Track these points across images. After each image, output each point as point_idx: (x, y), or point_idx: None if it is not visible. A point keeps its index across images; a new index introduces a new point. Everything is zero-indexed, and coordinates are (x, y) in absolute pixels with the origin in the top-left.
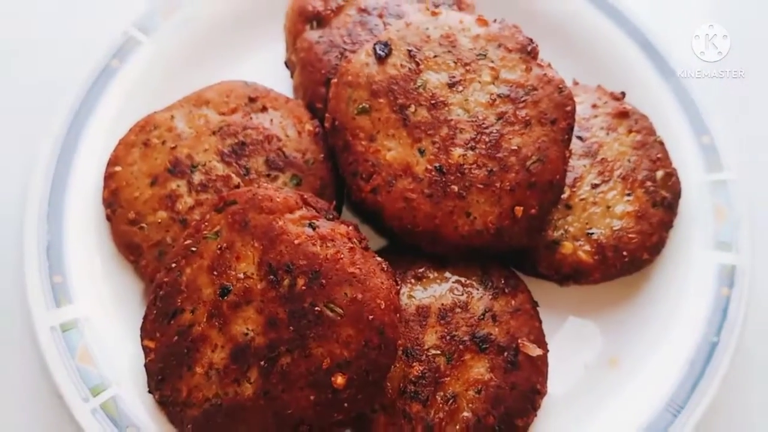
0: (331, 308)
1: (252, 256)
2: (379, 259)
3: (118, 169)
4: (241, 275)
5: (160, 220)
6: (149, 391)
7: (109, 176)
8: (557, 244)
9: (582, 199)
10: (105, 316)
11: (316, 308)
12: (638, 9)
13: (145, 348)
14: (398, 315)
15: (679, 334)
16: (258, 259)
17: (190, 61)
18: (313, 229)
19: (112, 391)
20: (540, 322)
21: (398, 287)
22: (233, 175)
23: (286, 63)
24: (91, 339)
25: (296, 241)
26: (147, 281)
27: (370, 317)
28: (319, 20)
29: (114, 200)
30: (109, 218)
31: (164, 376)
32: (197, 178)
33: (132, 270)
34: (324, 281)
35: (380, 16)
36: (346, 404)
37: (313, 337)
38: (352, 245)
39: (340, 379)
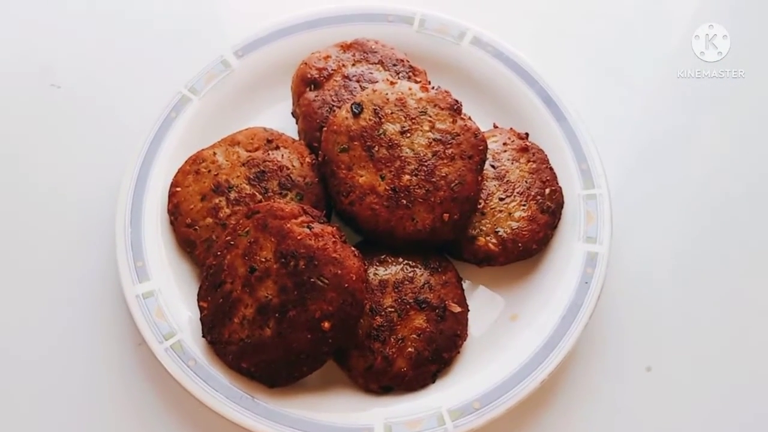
0: (321, 280)
1: (270, 248)
2: (353, 248)
3: (178, 189)
4: (263, 259)
5: (208, 224)
6: (203, 336)
7: (172, 194)
8: (475, 239)
9: (492, 208)
10: (170, 289)
11: (312, 280)
12: (541, 71)
13: (200, 307)
14: (365, 285)
15: (557, 299)
16: (274, 249)
17: (225, 112)
18: (310, 229)
19: (177, 337)
20: (462, 290)
21: (366, 267)
22: (257, 194)
23: (292, 113)
24: (162, 303)
25: (299, 237)
26: (200, 265)
27: (346, 285)
28: (316, 84)
29: (176, 210)
30: (172, 223)
31: (213, 324)
32: (232, 195)
33: (189, 258)
34: (316, 262)
35: (358, 81)
36: (330, 340)
37: (309, 298)
38: (335, 239)
39: (326, 324)
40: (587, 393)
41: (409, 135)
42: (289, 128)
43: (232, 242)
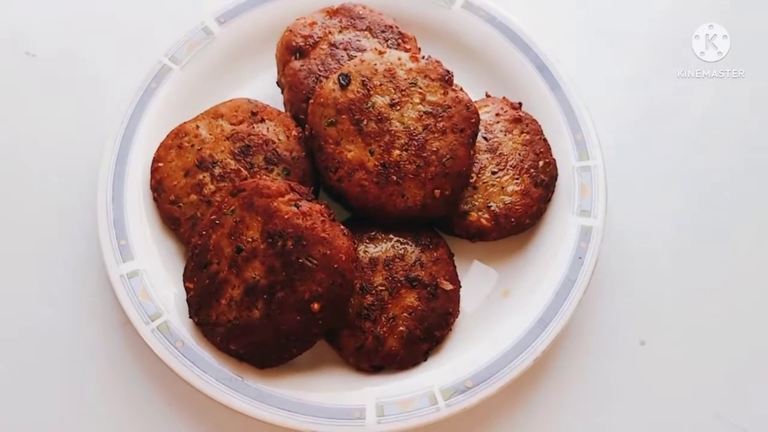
0: (309, 260)
1: (257, 227)
2: (342, 226)
3: (160, 164)
4: (250, 239)
5: (192, 201)
6: (190, 317)
7: (154, 170)
8: (466, 214)
9: (484, 182)
10: (156, 268)
11: (300, 260)
12: (535, 37)
13: (186, 288)
14: (355, 264)
15: (550, 274)
16: (261, 228)
17: (207, 82)
18: (297, 208)
19: (164, 318)
20: (454, 267)
21: (356, 246)
22: (242, 169)
23: (277, 83)
24: (147, 283)
25: (286, 216)
26: (185, 243)
27: (336, 265)
28: (301, 52)
29: (159, 187)
30: (155, 200)
31: (200, 306)
32: (217, 171)
33: (174, 236)
34: (305, 243)
35: (345, 49)
36: (320, 321)
37: (298, 279)
38: (323, 218)
39: (316, 306)
40: (581, 368)
41: (398, 108)
42: (275, 98)
43: (217, 221)
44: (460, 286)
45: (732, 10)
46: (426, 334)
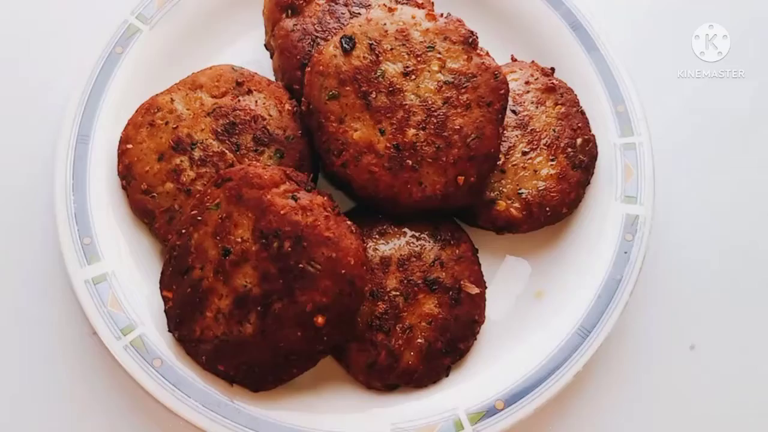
0: (311, 265)
1: (247, 224)
2: (349, 222)
3: (129, 146)
4: (239, 239)
5: (168, 191)
6: (169, 331)
7: (122, 153)
8: (493, 203)
9: (514, 165)
10: (128, 271)
11: (300, 265)
12: None
13: (164, 297)
14: (365, 267)
15: (591, 273)
16: (252, 226)
17: (184, 44)
18: (295, 200)
19: (138, 331)
20: (479, 265)
21: (365, 244)
22: (227, 151)
23: (266, 46)
24: (118, 289)
25: (282, 212)
26: (160, 240)
27: (343, 271)
28: (293, 9)
29: (128, 173)
30: (124, 188)
31: (181, 319)
32: (197, 154)
33: (147, 231)
34: (305, 244)
35: (346, 5)
36: (325, 337)
37: (299, 288)
38: (327, 213)
39: (320, 319)
40: (624, 378)
41: (414, 77)
42: (264, 65)
43: (199, 217)
44: (486, 288)
45: (732, 10)
46: (448, 346)
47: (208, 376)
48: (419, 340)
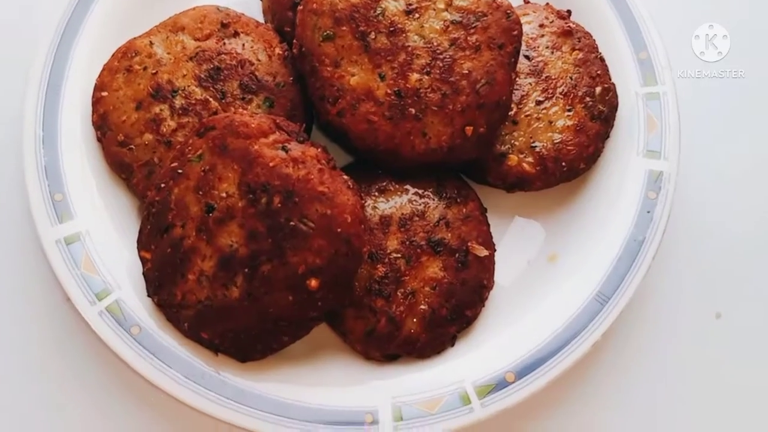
0: (304, 222)
1: (232, 178)
2: (345, 177)
3: (104, 94)
4: (224, 194)
5: (146, 142)
6: (148, 296)
7: (96, 101)
8: (504, 157)
9: (527, 115)
10: (103, 229)
11: (291, 223)
12: None
13: (142, 258)
14: (363, 226)
15: (610, 234)
16: (238, 180)
17: None
18: (286, 152)
19: (115, 296)
20: (488, 226)
21: (363, 201)
22: (211, 99)
23: None
24: (92, 250)
25: (271, 164)
26: (139, 197)
27: (339, 230)
28: None
29: (103, 123)
30: (100, 140)
31: (161, 282)
32: (178, 102)
33: (125, 186)
34: (297, 199)
35: None
36: (319, 303)
37: (290, 248)
38: (321, 166)
39: (314, 282)
40: (646, 347)
41: (417, 16)
42: (251, 4)
43: (179, 170)
44: (495, 251)
45: (732, 10)
46: (454, 313)
47: (191, 344)
48: (422, 307)
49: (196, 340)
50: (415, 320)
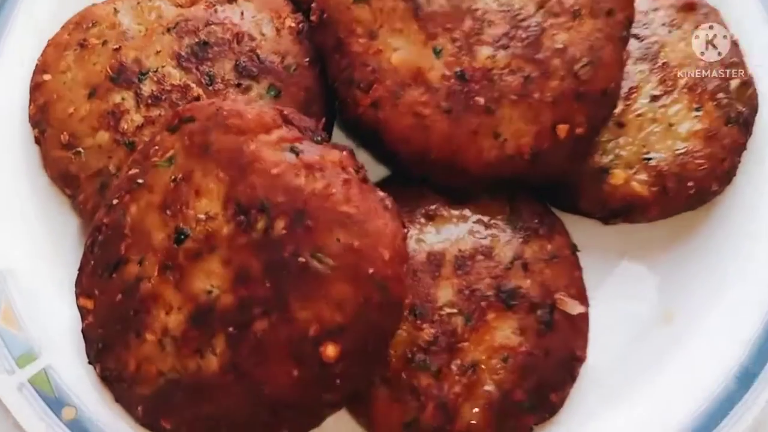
0: (319, 258)
1: (216, 191)
2: (381, 194)
3: (47, 77)
4: (203, 215)
5: (100, 144)
6: (90, 363)
7: (36, 87)
8: (606, 173)
9: (638, 116)
10: (33, 268)
11: (300, 258)
12: None
13: (81, 309)
14: (405, 266)
15: (750, 284)
16: (224, 194)
17: None
18: (296, 154)
19: (44, 361)
20: (581, 270)
21: (405, 230)
22: (193, 85)
23: None
24: (16, 295)
25: (274, 171)
26: (86, 221)
27: (370, 270)
28: None
29: (43, 118)
30: (38, 141)
31: (107, 344)
32: (147, 88)
33: (69, 206)
34: (310, 223)
35: None
36: (338, 381)
37: (297, 296)
38: (346, 176)
39: (331, 350)
40: None
41: None
42: None
43: (139, 180)
44: (589, 306)
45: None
46: (534, 397)
47: None
48: (488, 388)
49: (153, 429)
50: (476, 408)
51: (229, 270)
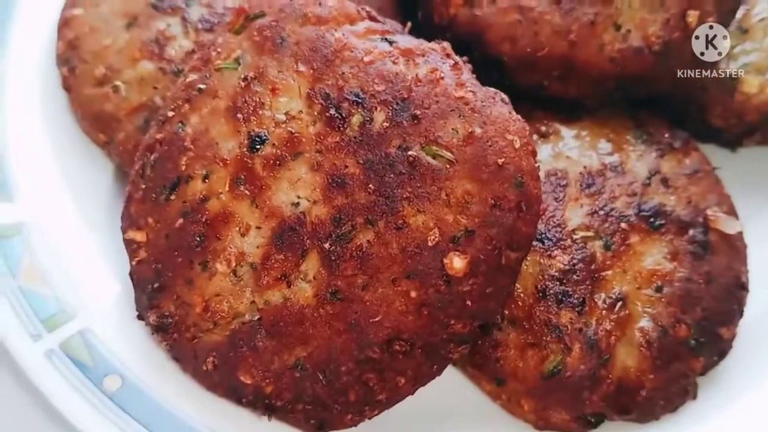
0: (433, 152)
1: (297, 86)
2: (492, 89)
3: (77, 12)
4: (282, 116)
5: (143, 75)
6: (138, 315)
7: (65, 23)
8: (735, 81)
9: (761, 20)
10: (62, 220)
11: (410, 153)
12: None
13: (129, 244)
14: (536, 160)
15: None
16: (307, 89)
17: None
18: (390, 44)
19: (79, 323)
20: (724, 189)
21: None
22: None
23: None
24: (41, 250)
25: (366, 59)
26: (128, 164)
27: (500, 161)
28: None
29: (74, 54)
30: (67, 82)
31: (163, 283)
32: (195, 12)
33: (102, 157)
34: (418, 112)
35: None
36: (468, 302)
37: (409, 199)
38: (454, 61)
39: (457, 262)
40: None
41: None
42: None
43: (202, 85)
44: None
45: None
46: (702, 334)
47: (217, 406)
48: (643, 323)
49: (230, 391)
50: (631, 349)
51: (319, 176)
